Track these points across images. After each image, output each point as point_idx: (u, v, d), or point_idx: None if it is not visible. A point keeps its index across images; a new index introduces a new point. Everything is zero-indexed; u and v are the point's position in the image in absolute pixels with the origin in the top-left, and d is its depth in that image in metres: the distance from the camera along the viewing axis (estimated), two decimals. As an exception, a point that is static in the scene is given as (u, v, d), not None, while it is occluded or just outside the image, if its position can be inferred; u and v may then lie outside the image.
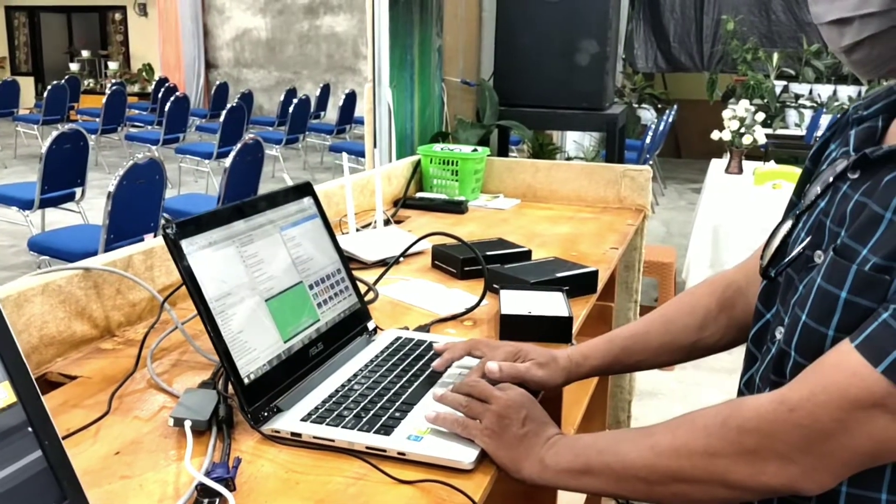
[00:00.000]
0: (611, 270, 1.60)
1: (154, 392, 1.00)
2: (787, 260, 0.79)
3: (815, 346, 0.70)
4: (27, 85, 12.59)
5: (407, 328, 1.21)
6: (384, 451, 0.85)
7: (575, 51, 3.32)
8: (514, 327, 1.18)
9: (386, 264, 1.51)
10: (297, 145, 8.33)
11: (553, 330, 1.18)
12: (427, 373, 1.02)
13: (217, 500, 0.75)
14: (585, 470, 0.78)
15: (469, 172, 2.18)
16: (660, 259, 3.57)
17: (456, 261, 1.48)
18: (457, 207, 2.07)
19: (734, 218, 3.75)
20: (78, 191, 4.84)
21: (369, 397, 0.95)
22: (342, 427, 0.88)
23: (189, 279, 0.88)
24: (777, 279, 0.81)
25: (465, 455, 0.83)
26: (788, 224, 0.81)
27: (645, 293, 3.01)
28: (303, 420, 0.90)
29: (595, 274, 1.41)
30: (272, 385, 0.93)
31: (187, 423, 0.88)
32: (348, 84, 10.41)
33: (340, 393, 0.96)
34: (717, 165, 4.62)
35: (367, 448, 0.85)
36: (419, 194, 2.20)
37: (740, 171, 4.31)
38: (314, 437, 0.87)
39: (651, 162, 7.04)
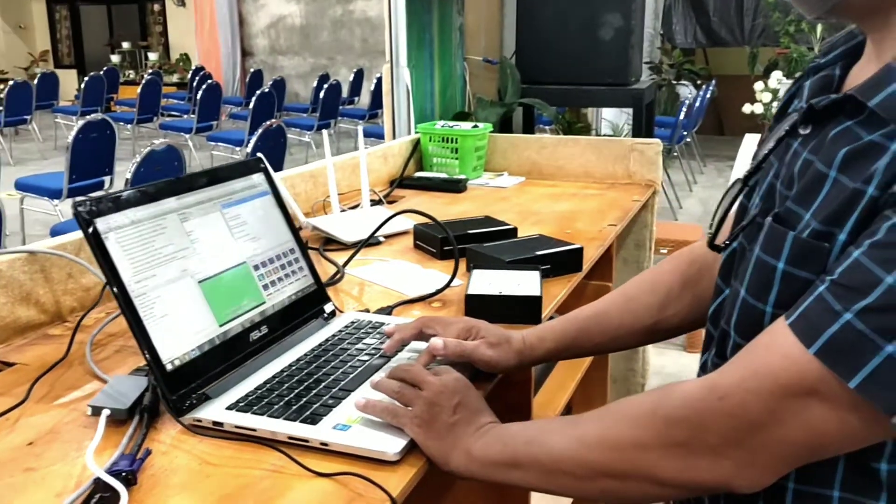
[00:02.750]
0: (604, 248, 1.51)
1: (89, 379, 0.96)
2: (737, 228, 0.71)
3: (753, 324, 0.62)
4: (70, 77, 12.82)
5: (367, 310, 1.14)
6: (307, 441, 0.79)
7: (599, 25, 3.22)
8: (480, 308, 1.11)
9: (368, 246, 1.44)
10: (331, 130, 8.31)
11: (521, 310, 1.10)
12: (374, 357, 0.96)
13: (111, 495, 0.70)
14: (513, 463, 0.71)
15: (469, 150, 2.11)
16: (685, 237, 3.45)
17: (435, 240, 1.41)
18: (454, 186, 2.00)
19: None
20: (106, 180, 4.88)
21: (306, 384, 0.89)
22: (268, 416, 0.82)
23: (103, 260, 0.83)
24: (734, 251, 0.72)
25: (391, 445, 0.77)
26: (735, 189, 0.72)
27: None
28: (229, 409, 0.84)
29: (579, 251, 1.33)
30: (201, 372, 0.88)
31: (104, 413, 0.83)
32: (382, 68, 10.34)
33: (277, 379, 0.91)
34: (751, 140, 4.45)
35: (290, 438, 0.79)
36: (418, 174, 2.13)
37: (774, 145, 4.13)
38: (236, 427, 0.81)
39: (688, 139, 6.85)
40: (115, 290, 0.83)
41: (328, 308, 1.10)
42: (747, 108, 4.08)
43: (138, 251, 0.87)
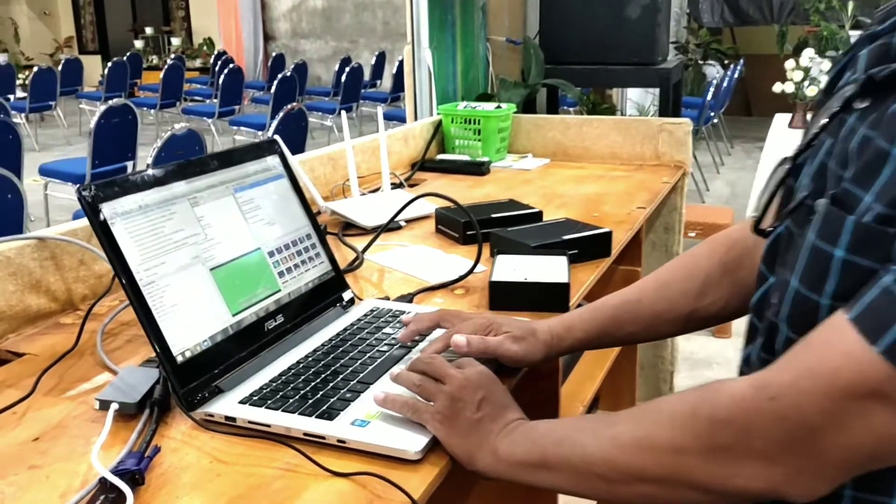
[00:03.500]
0: (633, 232, 1.45)
1: (99, 370, 0.92)
2: (785, 211, 0.65)
3: (807, 317, 0.56)
4: (94, 63, 12.86)
5: (388, 298, 1.10)
6: (323, 437, 0.74)
7: (625, 3, 3.13)
8: (505, 295, 1.06)
9: (388, 231, 1.40)
10: (352, 114, 8.26)
11: (548, 298, 1.05)
12: (395, 348, 0.92)
13: (116, 496, 0.66)
14: (541, 463, 0.66)
15: (492, 131, 2.05)
16: (715, 220, 3.37)
17: (457, 225, 1.36)
18: (477, 169, 1.94)
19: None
20: (129, 165, 4.88)
21: (323, 376, 0.85)
22: (282, 410, 0.78)
23: (109, 247, 0.79)
24: (780, 236, 0.67)
25: (412, 443, 0.72)
26: (783, 169, 0.67)
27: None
28: (242, 403, 0.80)
29: (608, 235, 1.28)
30: (214, 364, 0.84)
31: (113, 406, 0.79)
32: (404, 50, 10.25)
33: (293, 371, 0.86)
34: (781, 120, 4.34)
35: (305, 434, 0.75)
36: (440, 156, 2.08)
37: (804, 125, 4.03)
38: (249, 423, 0.77)
39: (715, 120, 6.73)
40: (122, 279, 0.79)
41: (347, 296, 1.06)
42: (777, 88, 3.97)
43: (147, 237, 0.83)
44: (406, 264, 1.26)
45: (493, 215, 1.38)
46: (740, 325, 0.77)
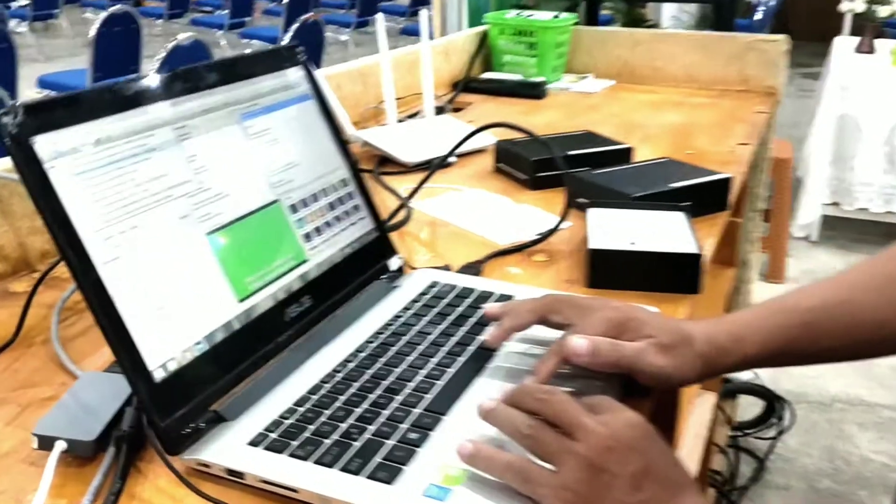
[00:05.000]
0: (744, 176, 1.16)
1: (53, 370, 0.66)
2: None
3: None
4: (99, -30, 12.30)
5: (448, 268, 0.82)
6: (380, 516, 0.48)
7: None
8: (610, 269, 0.78)
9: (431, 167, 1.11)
10: (368, 28, 7.82)
11: (672, 275, 0.77)
12: (472, 351, 0.64)
13: None
14: None
15: (549, 46, 1.73)
16: (775, 154, 3.04)
17: (526, 163, 1.07)
18: (533, 91, 1.63)
19: (864, 106, 3.17)
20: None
21: (372, 398, 0.58)
22: (316, 462, 0.51)
23: (47, 206, 0.51)
24: None
25: (523, 538, 0.46)
26: None
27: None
28: (253, 444, 0.53)
29: (726, 183, 0.99)
30: (210, 378, 0.57)
31: (58, 447, 0.53)
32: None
33: (328, 387, 0.59)
34: (844, 44, 3.95)
35: (352, 509, 0.48)
36: (486, 75, 1.77)
37: (872, 49, 3.65)
38: (264, 482, 0.51)
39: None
40: (67, 255, 0.51)
41: (394, 263, 0.78)
42: (845, 6, 3.58)
43: (108, 190, 0.54)
44: (464, 216, 0.97)
45: (571, 152, 1.08)
46: (794, 269, 0.49)
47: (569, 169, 0.99)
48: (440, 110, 1.45)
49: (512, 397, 0.51)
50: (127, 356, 0.52)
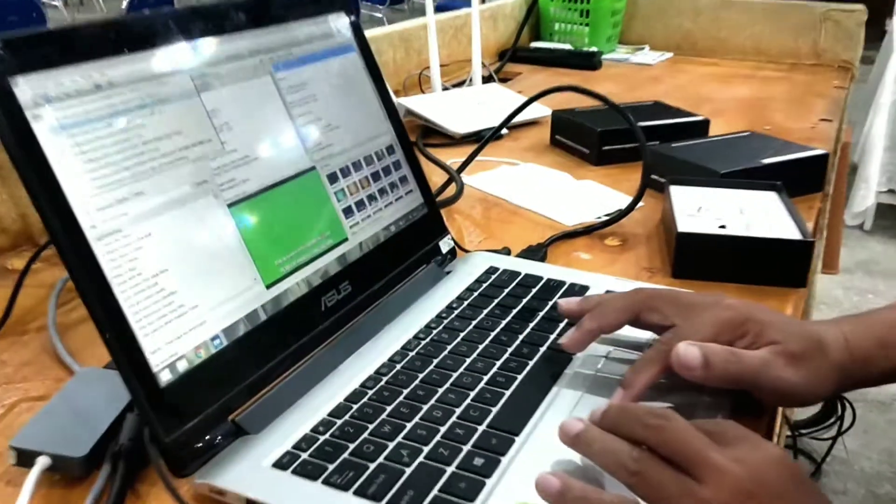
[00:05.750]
0: (837, 154, 1.03)
1: (47, 363, 0.56)
2: None
3: None
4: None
5: (508, 251, 0.71)
6: (441, 570, 0.37)
7: None
8: (699, 256, 0.66)
9: (481, 139, 1.00)
10: (403, 6, 7.68)
11: (774, 264, 0.65)
12: (544, 353, 0.53)
13: None
14: None
15: (604, 14, 1.60)
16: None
17: (590, 135, 0.95)
18: (586, 61, 1.51)
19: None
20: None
21: (424, 410, 0.47)
22: (356, 492, 0.41)
23: (24, 161, 0.40)
24: None
25: None
26: None
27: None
28: (279, 466, 0.43)
29: (824, 160, 0.86)
30: (228, 380, 0.46)
31: (40, 462, 0.43)
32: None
33: (370, 394, 0.49)
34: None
35: (404, 559, 0.38)
36: (534, 44, 1.64)
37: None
38: (292, 518, 0.40)
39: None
40: (53, 228, 0.41)
41: (445, 245, 0.67)
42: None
43: (107, 147, 0.44)
44: (521, 193, 0.86)
45: (641, 123, 0.96)
46: (848, 259, 0.37)
47: (650, 141, 0.87)
48: (488, 79, 1.34)
49: (609, 419, 0.40)
50: (124, 353, 0.42)
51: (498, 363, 0.51)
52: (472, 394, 0.48)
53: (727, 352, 0.44)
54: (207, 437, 0.44)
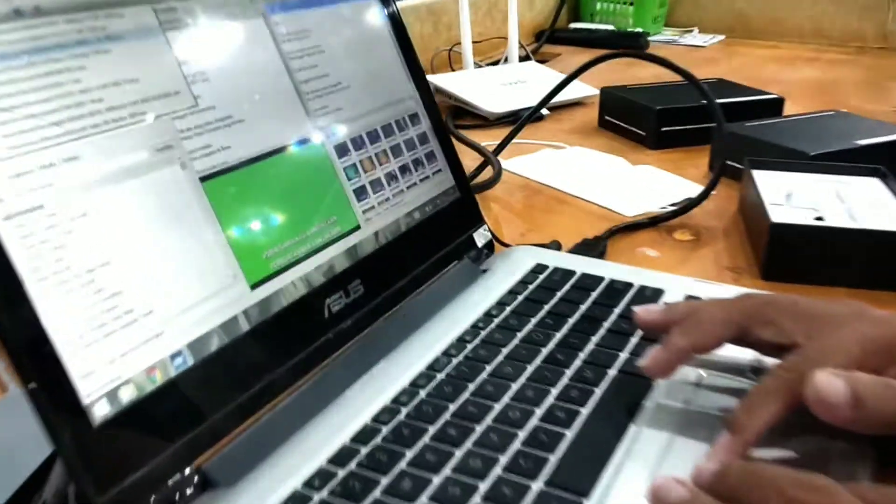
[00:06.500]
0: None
1: (-19, 380, 0.44)
2: None
3: None
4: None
5: (558, 245, 0.58)
6: None
7: None
8: (797, 254, 0.53)
9: (518, 121, 0.87)
10: None
11: (879, 262, 0.52)
12: (614, 377, 0.40)
13: None
14: None
15: (651, -9, 1.47)
16: None
17: (647, 114, 0.83)
18: (632, 41, 1.38)
19: None
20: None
21: (457, 458, 0.34)
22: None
23: None
24: None
25: None
26: None
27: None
28: (256, 535, 0.31)
29: (929, 143, 0.72)
30: (195, 414, 0.34)
31: (-74, 531, 0.31)
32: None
33: (384, 432, 0.36)
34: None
35: None
36: (573, 25, 1.52)
37: None
38: None
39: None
40: (-68, 198, 0.29)
41: (481, 238, 0.55)
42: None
43: (27, 93, 0.32)
44: (569, 180, 0.73)
45: (705, 102, 0.83)
46: None
47: (712, 122, 0.74)
48: (524, 59, 1.21)
49: (729, 484, 0.28)
50: (40, 378, 0.30)
51: (554, 391, 0.39)
52: (522, 434, 0.36)
53: (883, 385, 0.32)
54: (162, 494, 0.32)
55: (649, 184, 0.72)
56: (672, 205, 0.66)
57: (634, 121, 0.85)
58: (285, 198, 0.41)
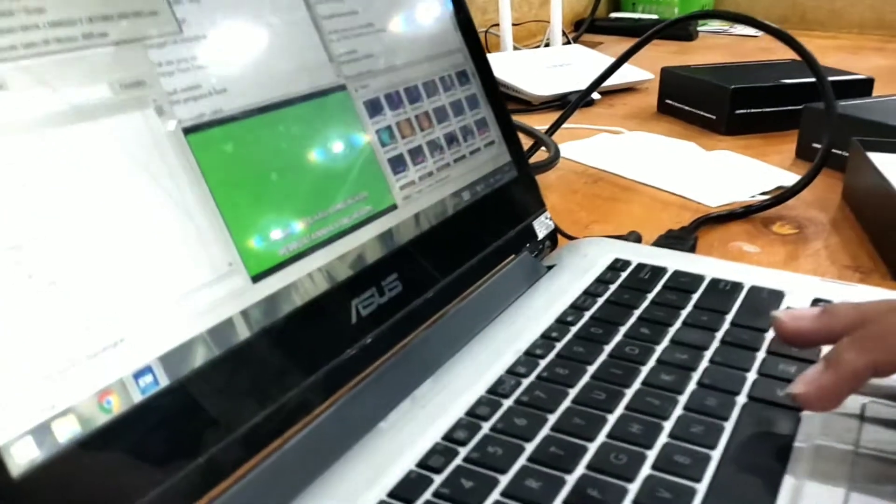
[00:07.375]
0: None
1: None
2: None
3: None
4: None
5: (638, 237, 0.48)
6: None
7: None
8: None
9: (565, 106, 0.76)
10: None
11: None
12: (741, 405, 0.29)
13: None
14: None
15: (699, -22, 1.36)
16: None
17: (719, 95, 0.72)
18: (681, 30, 1.27)
19: None
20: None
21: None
22: None
23: None
24: None
25: None
26: None
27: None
28: None
29: None
30: (170, 455, 0.24)
31: None
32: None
33: (439, 481, 0.26)
34: None
35: None
36: (614, 14, 1.41)
37: None
38: None
39: None
40: None
41: (542, 228, 0.44)
42: None
43: (-74, -10, 0.22)
44: (635, 165, 0.63)
45: (784, 81, 0.73)
46: None
47: (797, 104, 0.63)
48: (565, 44, 1.11)
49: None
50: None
51: (667, 426, 0.28)
52: (633, 491, 0.25)
53: None
54: (113, 576, 0.21)
55: (730, 171, 0.61)
56: (762, 193, 0.55)
57: (702, 103, 0.74)
58: (299, 163, 0.31)
